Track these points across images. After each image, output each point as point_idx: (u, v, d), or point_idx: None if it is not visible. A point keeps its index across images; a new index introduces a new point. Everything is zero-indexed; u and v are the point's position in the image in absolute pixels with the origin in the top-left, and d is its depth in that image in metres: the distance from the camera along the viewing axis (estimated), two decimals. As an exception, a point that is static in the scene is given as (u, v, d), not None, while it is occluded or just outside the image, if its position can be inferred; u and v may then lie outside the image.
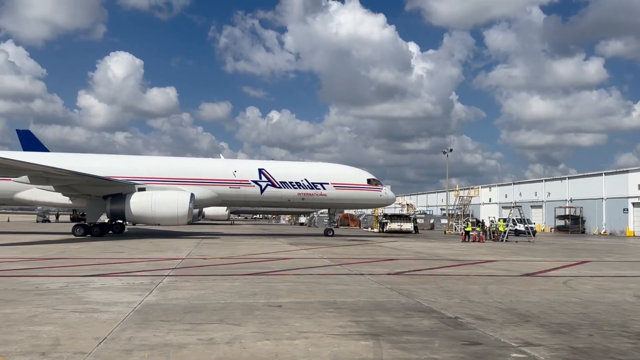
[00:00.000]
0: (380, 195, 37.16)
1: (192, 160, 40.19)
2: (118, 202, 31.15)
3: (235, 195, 35.25)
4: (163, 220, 31.49)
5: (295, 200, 36.28)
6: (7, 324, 7.41)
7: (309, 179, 35.57)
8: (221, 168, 35.95)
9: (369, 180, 36.82)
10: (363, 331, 7.43)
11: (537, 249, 29.52)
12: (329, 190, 35.72)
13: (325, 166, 38.70)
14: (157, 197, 31.00)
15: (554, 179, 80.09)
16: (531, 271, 16.58)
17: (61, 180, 29.77)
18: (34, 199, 33.16)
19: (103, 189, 31.55)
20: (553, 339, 7.24)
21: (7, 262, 15.86)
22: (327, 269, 15.99)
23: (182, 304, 9.29)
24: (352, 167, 38.80)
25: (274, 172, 35.45)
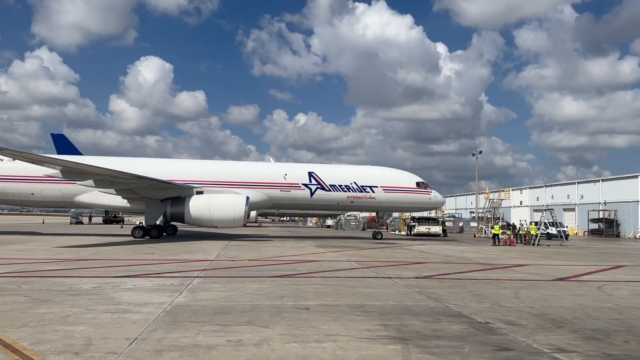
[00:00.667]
0: (430, 198, 37.00)
1: (244, 164, 40.84)
2: (178, 205, 31.91)
3: (286, 198, 35.60)
4: (220, 222, 32.05)
5: (345, 204, 36.41)
6: (42, 323, 7.60)
7: (358, 182, 35.62)
8: (272, 171, 36.37)
9: (417, 183, 36.70)
10: (391, 335, 7.37)
11: (569, 253, 28.86)
12: (378, 193, 35.70)
13: (374, 169, 38.66)
14: (214, 200, 31.62)
15: (587, 181, 78.29)
16: (564, 275, 16.22)
17: (125, 183, 30.65)
18: (94, 202, 34.03)
19: (163, 192, 32.32)
20: (587, 345, 7.05)
21: (43, 263, 16.30)
22: (355, 271, 15.94)
23: (211, 305, 9.38)
24: (401, 170, 38.76)
25: (324, 176, 35.61)
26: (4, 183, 33.04)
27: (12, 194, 33.49)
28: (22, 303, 9.17)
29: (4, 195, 33.84)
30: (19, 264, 15.70)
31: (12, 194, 33.49)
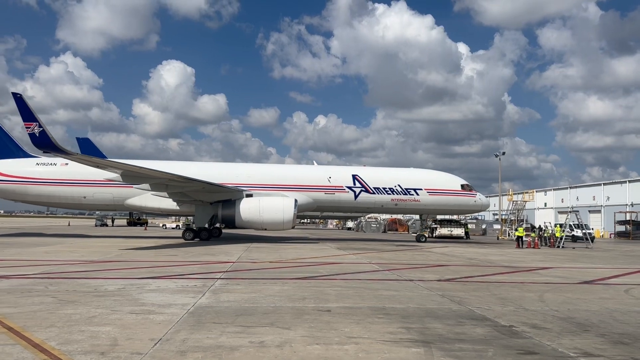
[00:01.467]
0: (475, 201, 36.75)
1: (289, 167, 41.15)
2: (228, 208, 32.30)
3: (330, 200, 35.71)
4: (270, 225, 32.33)
5: (388, 206, 36.39)
6: (68, 324, 7.75)
7: (402, 184, 35.54)
8: (316, 174, 36.45)
9: (462, 185, 36.47)
10: (414, 338, 7.33)
11: (595, 256, 28.32)
12: (422, 196, 35.58)
13: (418, 172, 38.58)
14: (264, 203, 31.92)
15: (614, 182, 76.80)
16: (590, 279, 15.93)
17: (179, 187, 31.12)
18: (144, 205, 34.66)
19: (214, 195, 32.72)
20: (614, 349, 6.92)
21: (69, 265, 16.61)
22: (376, 274, 15.89)
23: (234, 306, 9.45)
24: (445, 173, 38.59)
25: (368, 178, 35.64)
26: (57, 187, 33.90)
27: (65, 197, 34.35)
28: (50, 304, 9.36)
29: (57, 199, 34.72)
30: (49, 265, 16.04)
31: (65, 197, 34.36)
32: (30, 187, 33.89)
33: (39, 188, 33.91)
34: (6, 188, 34.14)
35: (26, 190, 34.09)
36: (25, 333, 7.09)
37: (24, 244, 26.59)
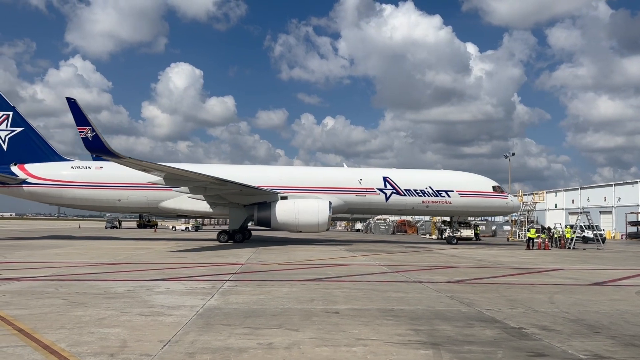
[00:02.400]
0: (506, 202, 36.67)
1: (320, 169, 41.06)
2: (264, 210, 32.41)
3: (361, 203, 35.71)
4: (305, 227, 32.44)
5: (420, 208, 36.37)
6: (78, 325, 7.81)
7: (433, 186, 35.47)
8: (348, 176, 36.46)
9: (494, 187, 36.39)
10: (422, 340, 7.31)
11: (606, 257, 28.07)
12: (454, 197, 35.47)
13: (449, 174, 38.53)
14: (299, 205, 31.98)
15: (625, 183, 76.06)
16: (601, 280, 15.79)
17: (218, 189, 31.26)
18: (177, 207, 34.82)
19: (250, 197, 32.84)
20: (625, 351, 6.86)
21: (79, 267, 16.73)
22: (385, 276, 15.85)
23: (242, 308, 9.47)
24: (477, 175, 38.43)
25: (399, 180, 35.59)
26: (92, 190, 34.28)
27: (100, 200, 34.75)
28: (60, 305, 9.43)
29: (92, 202, 35.10)
30: (60, 267, 16.16)
31: (99, 200, 34.76)
32: (65, 190, 34.30)
33: (74, 191, 34.32)
34: (42, 191, 34.55)
35: (61, 194, 34.48)
36: (36, 334, 7.15)
37: (35, 246, 26.81)
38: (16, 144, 34.75)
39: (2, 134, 34.82)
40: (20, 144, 34.79)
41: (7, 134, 34.82)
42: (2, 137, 34.81)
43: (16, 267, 16.44)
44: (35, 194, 34.93)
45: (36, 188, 34.31)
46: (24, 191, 34.58)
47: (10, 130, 34.81)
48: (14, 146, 34.71)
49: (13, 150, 34.63)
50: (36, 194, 34.81)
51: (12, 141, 34.81)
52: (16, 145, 34.74)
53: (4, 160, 34.49)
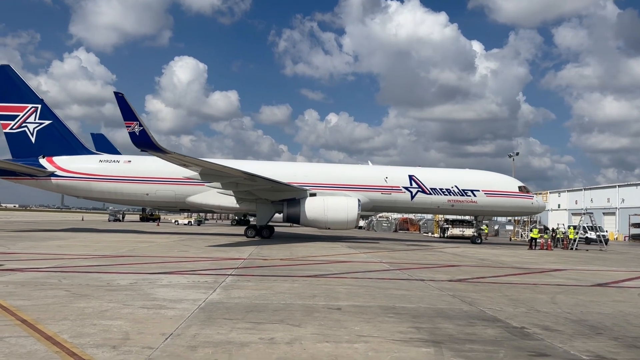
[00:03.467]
0: (532, 203, 36.70)
1: (347, 167, 41.00)
2: (294, 206, 32.49)
3: (387, 201, 35.70)
4: (334, 224, 32.52)
5: (445, 207, 36.33)
6: (81, 317, 7.83)
7: (459, 185, 35.48)
8: (373, 174, 36.43)
9: (520, 187, 36.45)
10: (424, 338, 7.30)
11: (609, 258, 28.00)
12: (479, 197, 35.47)
13: (475, 173, 38.55)
14: (329, 203, 32.06)
15: (629, 184, 75.81)
16: (603, 281, 15.76)
17: (250, 185, 31.29)
18: (205, 202, 34.87)
19: (280, 193, 32.86)
20: (628, 352, 6.84)
21: (82, 259, 16.79)
22: (387, 273, 15.85)
23: (244, 303, 9.48)
24: (502, 175, 38.59)
25: (424, 179, 35.61)
26: (121, 184, 34.45)
27: (129, 194, 34.91)
28: (63, 297, 9.46)
29: (120, 195, 35.28)
30: (62, 259, 16.22)
31: (128, 193, 34.91)
32: (93, 183, 34.48)
33: (102, 185, 34.50)
34: (70, 184, 34.75)
35: (90, 187, 34.69)
36: (39, 325, 7.18)
37: (38, 238, 26.91)
38: (44, 137, 34.92)
39: (30, 126, 34.94)
40: (48, 136, 34.96)
41: (36, 127, 34.96)
42: (30, 130, 34.95)
43: (19, 258, 16.50)
44: (63, 187, 35.15)
45: (64, 181, 34.52)
46: (52, 184, 34.81)
47: (38, 123, 34.95)
48: (42, 139, 34.87)
49: (41, 142, 34.79)
50: (64, 186, 35.04)
51: (40, 134, 34.95)
52: (44, 138, 34.91)
53: (32, 152, 34.64)
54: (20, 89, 34.82)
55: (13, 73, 34.92)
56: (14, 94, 34.61)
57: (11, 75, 34.75)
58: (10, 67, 35.20)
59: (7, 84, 34.56)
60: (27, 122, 34.82)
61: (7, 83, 34.55)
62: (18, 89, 34.76)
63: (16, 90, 34.69)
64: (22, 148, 34.70)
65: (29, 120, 34.82)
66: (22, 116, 34.68)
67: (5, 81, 34.48)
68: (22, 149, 34.69)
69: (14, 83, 34.71)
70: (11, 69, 35.02)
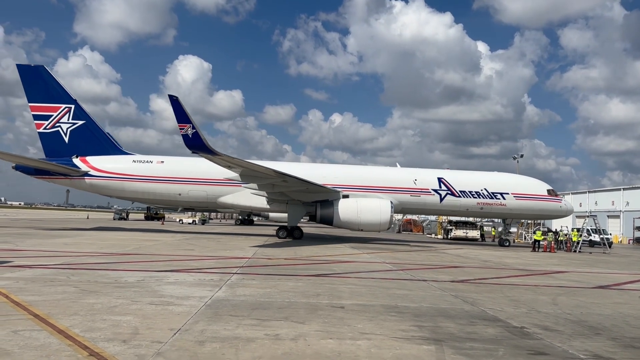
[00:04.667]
0: (560, 206, 36.95)
1: (376, 169, 41.12)
2: (327, 208, 32.71)
3: (415, 203, 35.89)
4: (367, 226, 32.76)
5: (474, 210, 36.56)
6: (91, 312, 8.04)
7: (488, 188, 35.67)
8: (403, 176, 36.56)
9: (548, 190, 36.70)
10: (425, 336, 7.47)
11: (612, 261, 28.07)
12: (509, 200, 35.65)
13: (504, 176, 38.81)
14: (362, 204, 32.29)
15: (633, 187, 75.67)
16: (605, 283, 15.87)
17: (286, 186, 31.45)
18: (235, 203, 35.31)
19: (314, 195, 33.05)
20: (625, 352, 6.99)
21: (89, 256, 17.02)
22: (389, 273, 16.01)
23: (250, 300, 9.67)
24: (531, 178, 38.80)
25: (454, 181, 35.81)
26: (154, 184, 34.86)
27: (161, 194, 35.33)
28: (72, 293, 9.67)
29: (153, 195, 35.72)
30: (70, 257, 16.45)
31: (160, 193, 35.33)
32: (127, 183, 34.87)
33: (136, 185, 34.88)
34: (103, 184, 35.17)
35: (123, 187, 35.09)
36: (51, 320, 7.39)
37: (45, 236, 27.19)
38: (77, 137, 35.34)
39: (64, 126, 35.36)
40: (82, 136, 35.38)
41: (69, 127, 35.37)
42: (63, 130, 35.37)
43: (27, 254, 16.75)
44: (97, 187, 35.53)
45: (98, 180, 34.94)
46: (85, 183, 35.24)
47: (71, 123, 35.36)
48: (75, 139, 35.30)
49: (74, 142, 35.23)
50: (98, 186, 35.43)
51: (73, 134, 35.38)
52: (77, 138, 35.33)
53: (65, 152, 35.07)
54: (53, 89, 35.27)
55: (47, 74, 35.35)
56: (47, 94, 35.08)
57: (45, 76, 35.21)
58: (44, 67, 35.68)
59: (41, 84, 35.00)
60: (61, 122, 35.28)
61: (40, 83, 35.00)
62: (52, 89, 35.20)
63: (50, 91, 35.14)
64: (55, 148, 35.16)
65: (63, 120, 35.27)
66: (55, 116, 35.13)
67: (39, 82, 34.94)
68: (55, 148, 35.16)
69: (48, 83, 35.16)
70: (45, 70, 35.49)
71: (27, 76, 34.96)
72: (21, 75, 34.90)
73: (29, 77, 34.95)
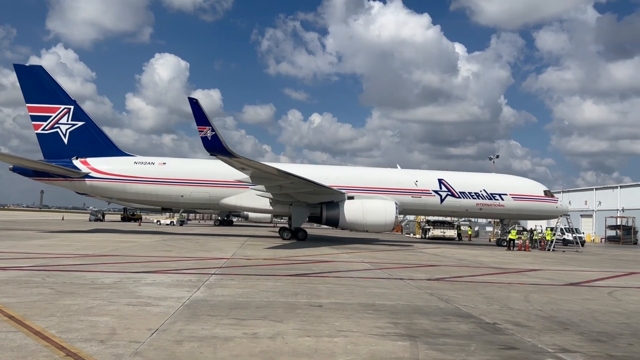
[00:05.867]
0: (557, 207, 37.74)
1: (377, 170, 41.05)
2: (333, 209, 32.66)
3: (416, 204, 36.17)
4: (372, 227, 32.97)
5: (473, 210, 37.12)
6: (67, 313, 8.02)
7: (488, 189, 36.26)
8: (404, 178, 36.82)
9: (545, 191, 37.47)
10: (400, 332, 7.64)
11: (584, 259, 28.75)
12: (507, 201, 36.31)
13: (502, 177, 39.69)
14: (367, 205, 32.32)
15: (606, 187, 77.41)
16: (576, 281, 16.30)
17: (293, 188, 31.22)
18: (238, 204, 35.19)
19: (319, 196, 32.90)
20: (591, 346, 7.26)
21: (65, 258, 16.84)
22: (367, 272, 16.19)
23: (228, 300, 9.73)
24: (528, 179, 39.77)
25: (454, 183, 36.23)
26: (157, 185, 34.52)
27: (164, 195, 35.04)
28: (48, 295, 9.61)
29: (155, 197, 35.39)
30: (45, 258, 16.26)
31: (163, 195, 35.05)
32: (128, 185, 34.50)
33: (138, 186, 34.54)
34: (105, 185, 34.71)
35: (124, 188, 34.71)
36: (26, 321, 7.35)
37: (19, 237, 26.74)
38: (77, 138, 34.79)
39: (63, 127, 34.76)
40: (81, 138, 34.85)
41: (68, 128, 34.80)
42: (63, 131, 34.77)
43: (1, 256, 16.47)
44: (98, 188, 35.12)
45: (99, 182, 34.51)
46: (86, 185, 34.84)
47: (71, 124, 34.80)
48: (74, 140, 34.74)
49: (74, 144, 34.67)
50: (99, 188, 35.02)
51: (73, 135, 34.81)
52: (77, 139, 34.78)
53: (64, 154, 34.51)
54: (52, 89, 34.71)
55: (45, 74, 34.78)
56: (46, 94, 34.49)
57: (43, 76, 34.62)
58: (42, 67, 35.15)
59: (39, 84, 34.42)
60: (60, 123, 34.72)
61: (39, 84, 34.41)
62: (50, 89, 34.64)
63: (48, 91, 34.58)
64: (54, 149, 34.59)
65: (62, 121, 34.73)
66: (54, 117, 34.58)
67: (37, 82, 34.35)
68: (54, 149, 34.59)
69: (46, 84, 34.60)
70: (43, 70, 34.92)
71: (25, 76, 34.37)
72: (18, 75, 34.32)
73: (27, 77, 34.36)
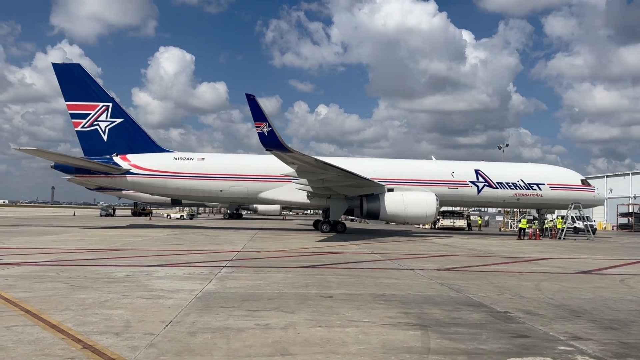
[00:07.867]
0: (594, 195, 37.90)
1: (414, 162, 41.12)
2: (373, 202, 32.84)
3: (453, 195, 36.29)
4: (413, 219, 33.49)
5: (511, 201, 37.28)
6: (82, 307, 8.13)
7: (525, 179, 36.38)
8: (440, 169, 37.01)
9: (582, 180, 37.61)
10: (412, 322, 7.68)
11: (596, 247, 28.61)
12: (544, 190, 36.43)
13: (539, 167, 39.80)
14: (408, 198, 32.58)
15: (617, 174, 76.88)
16: (587, 269, 16.24)
17: (336, 181, 31.47)
18: (275, 198, 35.65)
19: (360, 189, 33.13)
20: (603, 334, 7.25)
21: (78, 253, 17.03)
22: (377, 263, 16.24)
23: (240, 292, 9.82)
24: (566, 168, 39.82)
25: (490, 173, 36.36)
26: (196, 180, 35.12)
27: (203, 190, 35.70)
28: (63, 289, 9.74)
29: (195, 192, 36.11)
30: (58, 253, 16.46)
31: (202, 190, 35.71)
32: (169, 180, 35.12)
33: (178, 182, 35.17)
34: (146, 181, 35.33)
35: (165, 184, 35.36)
36: (43, 315, 7.47)
37: (32, 233, 27.06)
38: (116, 135, 35.37)
39: (102, 125, 35.32)
40: (120, 135, 35.42)
41: (107, 125, 35.37)
42: (102, 128, 35.35)
43: (16, 252, 16.72)
44: (139, 184, 35.76)
45: (140, 178, 35.09)
46: (127, 181, 35.44)
47: (110, 122, 35.36)
48: (114, 137, 35.33)
49: (113, 140, 35.27)
50: (140, 184, 35.65)
51: (112, 132, 35.41)
52: (116, 136, 35.36)
53: (104, 151, 35.12)
54: (90, 87, 35.19)
55: (83, 72, 35.25)
56: (84, 92, 35.00)
57: (81, 74, 35.11)
58: (80, 66, 35.59)
59: (78, 83, 34.92)
60: (99, 121, 35.27)
61: (77, 82, 34.91)
62: (88, 87, 35.13)
63: (87, 89, 35.08)
64: (94, 146, 35.21)
65: (101, 119, 35.28)
66: (93, 115, 35.11)
67: (75, 80, 34.85)
68: (94, 147, 35.21)
69: (85, 82, 35.07)
70: (81, 68, 35.37)
71: (63, 75, 34.90)
72: (57, 74, 34.86)
73: (65, 76, 34.89)
